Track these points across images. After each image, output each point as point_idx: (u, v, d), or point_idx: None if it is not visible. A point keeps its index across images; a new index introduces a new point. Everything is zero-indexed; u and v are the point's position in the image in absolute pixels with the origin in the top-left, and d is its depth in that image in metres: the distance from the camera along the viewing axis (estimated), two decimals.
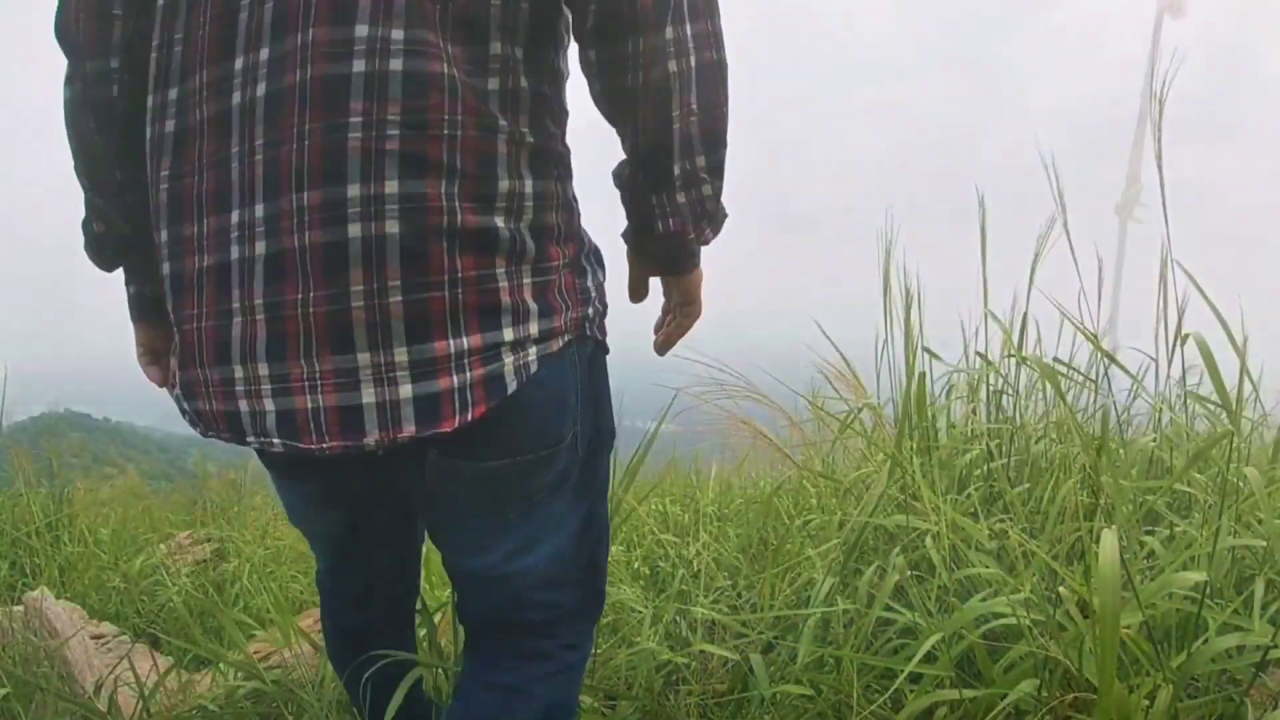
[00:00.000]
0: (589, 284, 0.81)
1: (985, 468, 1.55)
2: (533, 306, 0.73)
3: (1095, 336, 1.50)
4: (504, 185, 0.70)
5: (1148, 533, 1.26)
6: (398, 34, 0.66)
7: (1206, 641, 0.93)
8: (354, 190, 0.65)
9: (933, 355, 1.65)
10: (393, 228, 0.66)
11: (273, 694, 1.35)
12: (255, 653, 1.61)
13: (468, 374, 0.69)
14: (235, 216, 0.69)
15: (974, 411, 1.73)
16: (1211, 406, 1.49)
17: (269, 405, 0.70)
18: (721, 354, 1.83)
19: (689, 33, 0.72)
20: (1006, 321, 1.67)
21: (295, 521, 1.00)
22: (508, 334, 0.71)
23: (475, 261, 0.69)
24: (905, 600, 1.19)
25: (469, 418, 0.69)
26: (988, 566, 1.15)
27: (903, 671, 1.01)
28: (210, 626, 2.09)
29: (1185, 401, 1.51)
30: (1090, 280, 1.53)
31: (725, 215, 0.82)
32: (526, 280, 0.72)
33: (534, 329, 0.73)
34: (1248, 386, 1.26)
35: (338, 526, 0.95)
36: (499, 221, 0.70)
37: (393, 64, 0.65)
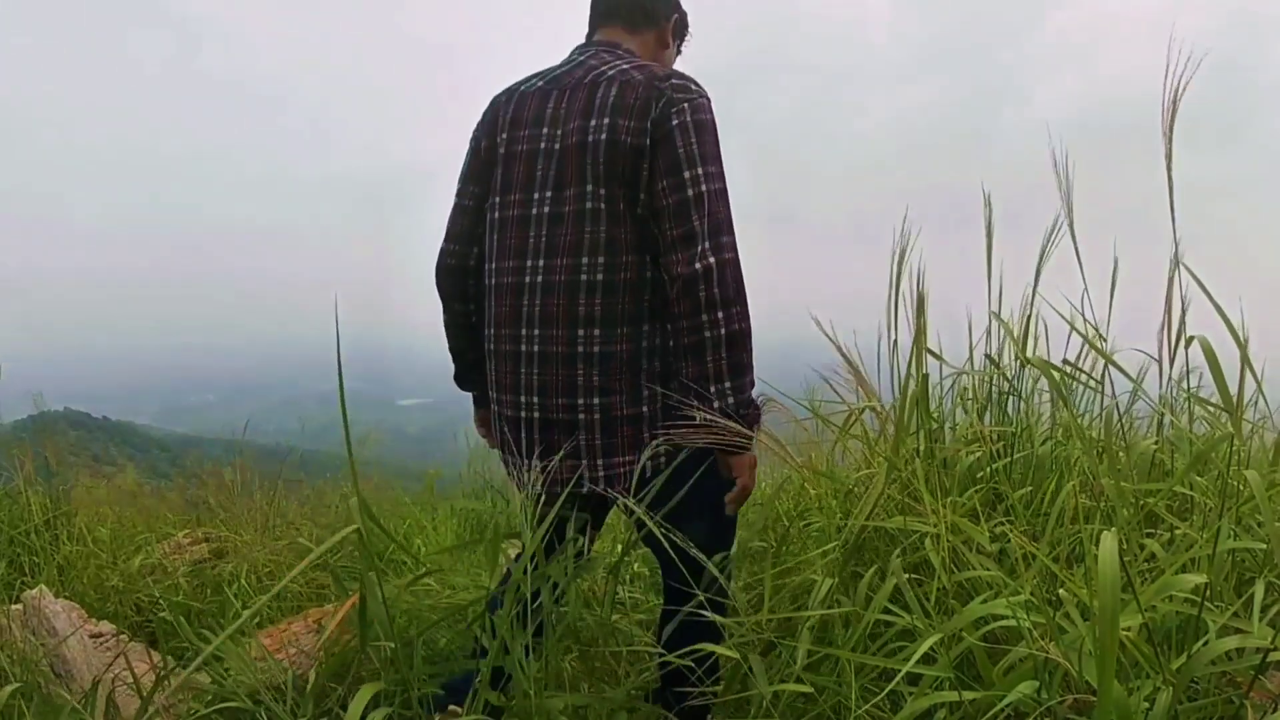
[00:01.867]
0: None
1: (988, 470, 1.55)
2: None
3: (1097, 338, 1.49)
4: (645, 410, 1.42)
5: (1148, 535, 1.26)
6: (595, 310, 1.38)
7: (1206, 644, 0.93)
8: (582, 398, 1.41)
9: (937, 357, 1.65)
10: (597, 415, 1.40)
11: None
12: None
13: (624, 470, 1.41)
14: (523, 397, 1.45)
15: (978, 414, 1.73)
16: (1212, 409, 1.49)
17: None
18: None
19: (719, 316, 1.31)
20: (1012, 323, 1.67)
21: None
22: (645, 455, 1.40)
23: (631, 430, 1.41)
24: (904, 602, 1.18)
25: (624, 487, 1.40)
26: (988, 569, 1.15)
27: (900, 672, 1.01)
28: (208, 625, 2.08)
29: (1189, 403, 1.51)
30: (1094, 282, 1.54)
31: (757, 412, 1.36)
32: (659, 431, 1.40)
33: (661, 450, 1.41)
34: (1251, 387, 1.26)
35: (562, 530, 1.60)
36: (644, 409, 1.41)
37: (594, 349, 1.39)
